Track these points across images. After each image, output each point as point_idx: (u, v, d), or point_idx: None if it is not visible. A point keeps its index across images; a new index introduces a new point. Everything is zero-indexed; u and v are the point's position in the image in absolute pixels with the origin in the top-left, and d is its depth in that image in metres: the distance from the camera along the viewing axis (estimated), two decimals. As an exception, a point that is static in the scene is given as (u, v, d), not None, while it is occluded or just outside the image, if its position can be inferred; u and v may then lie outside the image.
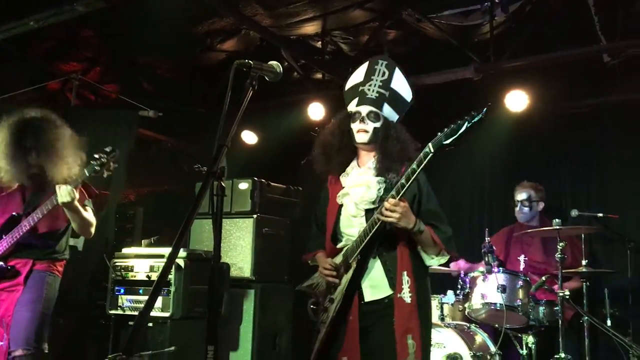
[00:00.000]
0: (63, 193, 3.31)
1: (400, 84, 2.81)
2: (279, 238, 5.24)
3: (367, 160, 2.80)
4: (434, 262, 2.71)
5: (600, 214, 4.76)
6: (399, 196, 2.49)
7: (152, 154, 6.64)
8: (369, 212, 2.67)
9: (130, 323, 4.36)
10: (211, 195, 1.80)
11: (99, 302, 4.89)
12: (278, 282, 5.15)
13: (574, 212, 4.61)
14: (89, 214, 3.58)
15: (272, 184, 5.36)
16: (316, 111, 5.88)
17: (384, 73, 2.79)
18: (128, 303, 4.40)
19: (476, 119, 2.38)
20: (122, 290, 4.48)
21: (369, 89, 2.77)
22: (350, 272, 2.63)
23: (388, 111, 2.77)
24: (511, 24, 4.84)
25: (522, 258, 4.43)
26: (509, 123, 5.39)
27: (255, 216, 5.02)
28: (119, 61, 5.84)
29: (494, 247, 4.27)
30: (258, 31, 5.11)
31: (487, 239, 4.27)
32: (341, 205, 2.79)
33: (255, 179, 5.17)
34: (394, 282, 2.61)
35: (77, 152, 3.53)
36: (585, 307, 4.19)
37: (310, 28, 5.26)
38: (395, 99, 2.79)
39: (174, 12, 4.71)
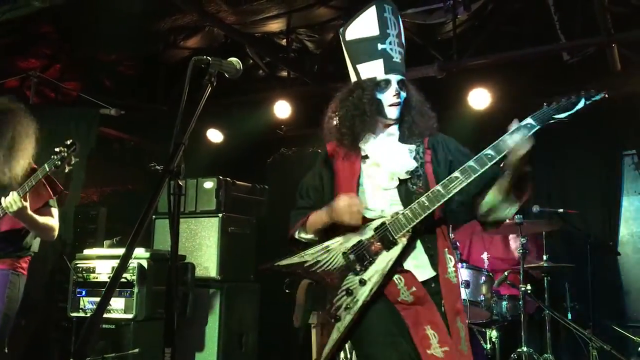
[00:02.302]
0: (10, 202, 3.17)
1: (403, 34, 2.50)
2: (245, 237, 5.20)
3: (385, 127, 2.46)
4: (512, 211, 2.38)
5: (561, 210, 4.85)
6: (483, 169, 2.21)
7: (114, 153, 6.52)
8: (402, 183, 2.35)
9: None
10: (168, 195, 1.77)
11: (61, 304, 4.78)
12: (244, 281, 5.12)
13: (535, 208, 4.68)
14: (46, 219, 3.43)
15: (238, 182, 5.32)
16: (282, 109, 5.86)
17: (394, 24, 2.45)
18: (90, 305, 4.31)
19: (597, 97, 2.17)
20: (83, 292, 4.39)
21: (391, 50, 2.41)
22: (398, 249, 2.26)
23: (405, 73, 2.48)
24: (473, 23, 4.90)
25: (485, 256, 4.48)
26: (471, 120, 5.45)
27: (220, 215, 4.98)
28: (80, 58, 5.72)
29: (457, 243, 4.32)
30: (221, 28, 5.06)
31: (450, 234, 4.31)
32: (360, 176, 2.42)
33: (221, 177, 5.13)
34: (435, 260, 2.31)
35: (30, 148, 3.42)
36: (547, 301, 4.27)
37: (275, 25, 5.23)
38: (406, 55, 2.50)
39: (135, 8, 4.63)
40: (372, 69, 2.42)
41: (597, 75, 5.08)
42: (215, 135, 6.46)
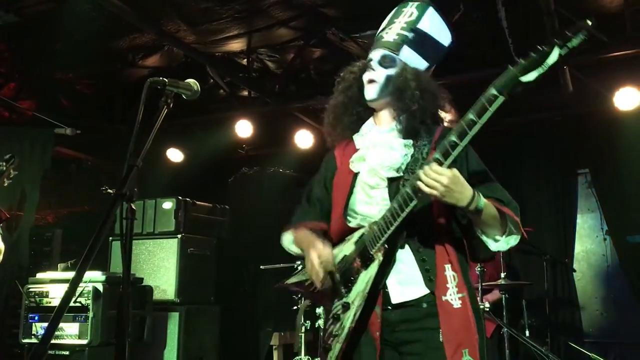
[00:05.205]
0: None
1: (432, 24, 2.13)
2: (204, 258, 5.13)
3: (388, 119, 2.10)
4: (501, 246, 1.94)
5: (518, 228, 4.94)
6: (449, 159, 1.76)
7: (71, 173, 6.38)
8: (392, 182, 1.96)
9: (51, 352, 4.15)
10: (120, 219, 1.73)
11: (14, 330, 4.63)
12: (204, 303, 5.05)
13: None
14: None
15: (198, 202, 5.27)
16: (243, 128, 5.84)
17: (411, 14, 2.15)
18: (43, 331, 4.17)
19: (575, 41, 1.60)
20: (36, 318, 4.25)
21: (387, 33, 2.14)
22: (374, 266, 1.90)
23: (409, 54, 2.09)
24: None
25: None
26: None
27: (179, 236, 4.91)
28: (35, 77, 5.60)
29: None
30: (181, 48, 5.03)
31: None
32: (356, 175, 2.06)
33: (180, 197, 5.07)
34: (431, 276, 1.89)
35: None
36: (505, 319, 4.32)
37: (236, 45, 5.23)
38: (422, 41, 2.11)
39: (92, 27, 4.57)
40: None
41: (552, 97, 5.23)
42: (175, 155, 6.38)
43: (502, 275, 4.36)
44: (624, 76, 4.77)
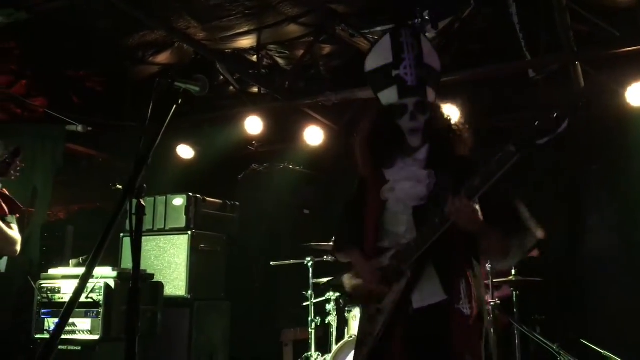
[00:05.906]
0: None
1: (431, 55, 2.45)
2: (215, 254, 5.15)
3: (415, 150, 2.40)
4: (504, 265, 2.41)
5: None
6: (478, 194, 2.10)
7: (82, 170, 6.42)
8: (417, 209, 2.29)
9: (61, 347, 4.18)
10: (130, 215, 1.74)
11: (28, 325, 4.67)
12: (214, 299, 5.07)
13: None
14: (9, 232, 3.41)
15: (208, 199, 5.28)
16: (253, 125, 5.84)
17: (412, 46, 2.39)
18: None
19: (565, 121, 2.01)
20: (48, 313, 4.29)
21: (405, 74, 2.37)
22: (404, 280, 2.23)
23: (431, 94, 2.41)
24: (440, 41, 4.97)
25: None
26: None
27: (190, 232, 4.93)
28: (47, 74, 5.63)
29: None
30: (191, 44, 5.04)
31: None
32: (385, 202, 2.38)
33: (190, 194, 5.09)
34: (448, 286, 2.21)
35: None
36: (516, 315, 4.31)
37: (246, 42, 5.23)
38: (431, 76, 2.43)
39: (102, 24, 4.59)
40: (389, 96, 2.41)
41: (560, 91, 5.19)
42: (185, 152, 6.40)
43: (513, 271, 4.34)
44: (635, 71, 4.72)
